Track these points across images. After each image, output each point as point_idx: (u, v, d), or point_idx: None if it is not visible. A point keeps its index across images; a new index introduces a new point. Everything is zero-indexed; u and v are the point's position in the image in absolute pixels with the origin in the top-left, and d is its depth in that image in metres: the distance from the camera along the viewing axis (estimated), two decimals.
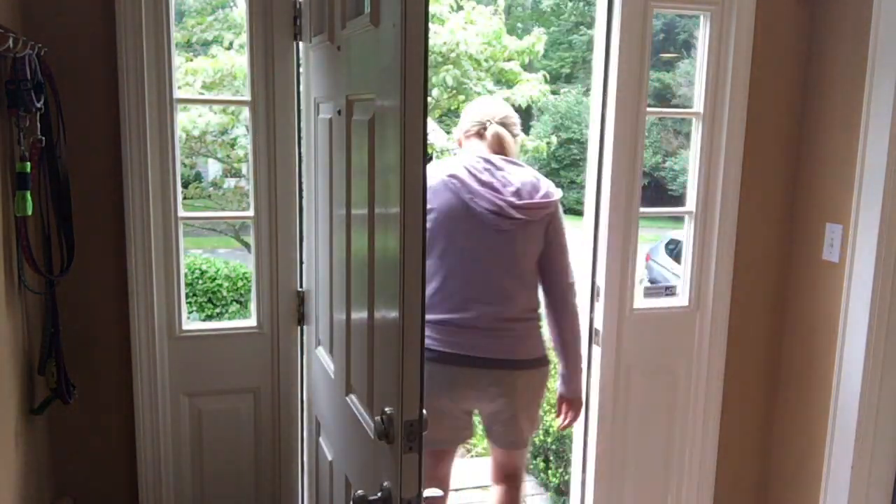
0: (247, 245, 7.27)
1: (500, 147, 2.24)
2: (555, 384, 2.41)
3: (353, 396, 1.73)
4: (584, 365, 2.39)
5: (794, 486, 2.62)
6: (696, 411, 2.64)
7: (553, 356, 2.34)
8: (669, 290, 2.67)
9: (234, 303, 6.88)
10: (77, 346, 2.09)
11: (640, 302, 2.58)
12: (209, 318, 6.69)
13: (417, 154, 1.26)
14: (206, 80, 6.62)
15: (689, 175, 2.60)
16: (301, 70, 2.19)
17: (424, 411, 1.33)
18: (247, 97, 2.20)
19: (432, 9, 6.91)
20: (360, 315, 1.64)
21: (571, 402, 2.35)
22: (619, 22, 2.33)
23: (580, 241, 2.55)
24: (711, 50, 2.45)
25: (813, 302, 2.53)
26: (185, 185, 8.05)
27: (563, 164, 17.34)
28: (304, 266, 2.28)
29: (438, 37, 6.89)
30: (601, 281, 2.48)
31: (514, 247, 2.13)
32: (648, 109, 2.43)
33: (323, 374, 2.05)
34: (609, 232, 2.43)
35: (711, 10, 2.43)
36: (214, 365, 2.26)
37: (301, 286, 2.29)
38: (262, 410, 2.32)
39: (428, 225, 2.01)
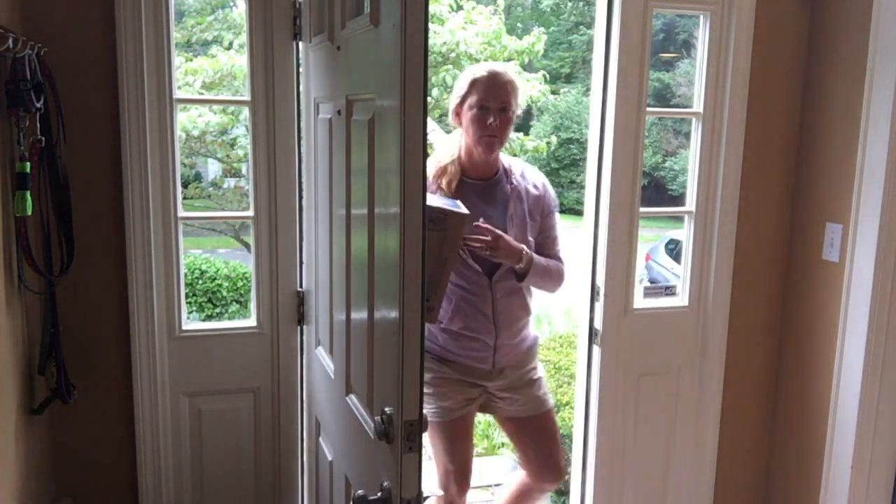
0: (247, 245, 7.27)
1: None
2: None
3: (353, 396, 1.73)
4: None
5: (794, 486, 2.62)
6: (696, 411, 2.64)
7: None
8: (669, 290, 2.67)
9: (234, 303, 6.88)
10: (77, 346, 2.09)
11: (640, 302, 2.58)
12: (209, 318, 6.69)
13: (417, 154, 1.26)
14: (205, 80, 6.61)
15: (689, 175, 2.60)
16: (301, 70, 2.19)
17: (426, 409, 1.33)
18: (247, 97, 2.20)
19: (432, 9, 6.91)
20: (359, 315, 1.64)
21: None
22: (619, 22, 2.33)
23: (580, 240, 2.55)
24: (711, 50, 2.45)
25: (813, 302, 2.53)
26: (185, 185, 8.05)
27: (563, 164, 17.34)
28: (303, 266, 2.28)
29: (438, 37, 6.89)
30: (601, 281, 2.47)
31: None
32: (648, 109, 2.43)
33: (323, 374, 2.05)
34: (609, 232, 2.43)
35: (711, 10, 2.43)
36: (214, 365, 2.26)
37: (301, 286, 2.29)
38: (262, 410, 2.32)
39: None
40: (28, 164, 1.79)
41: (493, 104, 2.09)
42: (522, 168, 2.27)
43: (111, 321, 2.14)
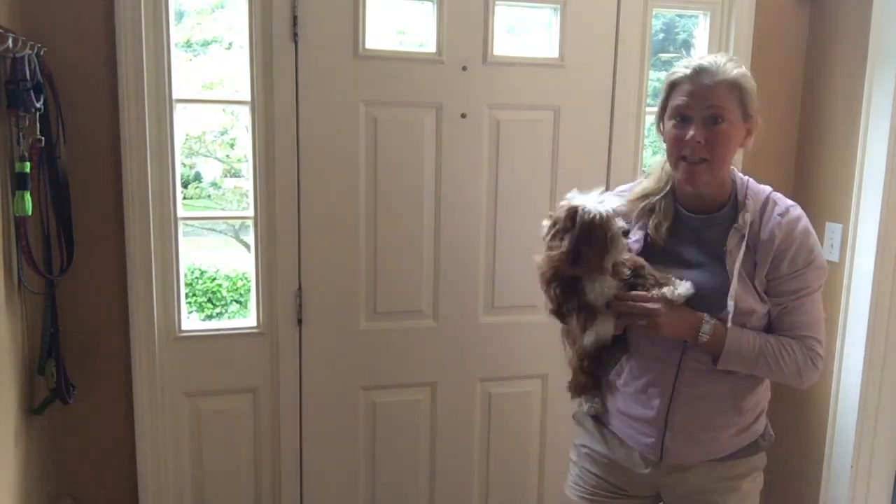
0: (247, 245, 7.27)
1: None
2: None
3: None
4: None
5: (794, 486, 2.62)
6: None
7: None
8: None
9: (234, 303, 6.87)
10: (77, 345, 2.09)
11: None
12: (209, 318, 6.68)
13: None
14: (206, 80, 6.62)
15: None
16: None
17: None
18: (247, 97, 2.19)
19: None
20: None
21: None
22: (619, 22, 2.33)
23: None
24: (711, 50, 2.45)
25: None
26: (185, 186, 8.04)
27: None
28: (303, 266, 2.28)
29: None
30: None
31: None
32: (648, 109, 2.43)
33: None
34: None
35: (711, 9, 2.43)
36: (214, 365, 2.26)
37: (301, 286, 2.29)
38: (262, 410, 2.32)
39: None
40: (28, 164, 1.80)
41: (695, 112, 1.44)
42: (766, 198, 1.53)
43: (111, 321, 2.14)
